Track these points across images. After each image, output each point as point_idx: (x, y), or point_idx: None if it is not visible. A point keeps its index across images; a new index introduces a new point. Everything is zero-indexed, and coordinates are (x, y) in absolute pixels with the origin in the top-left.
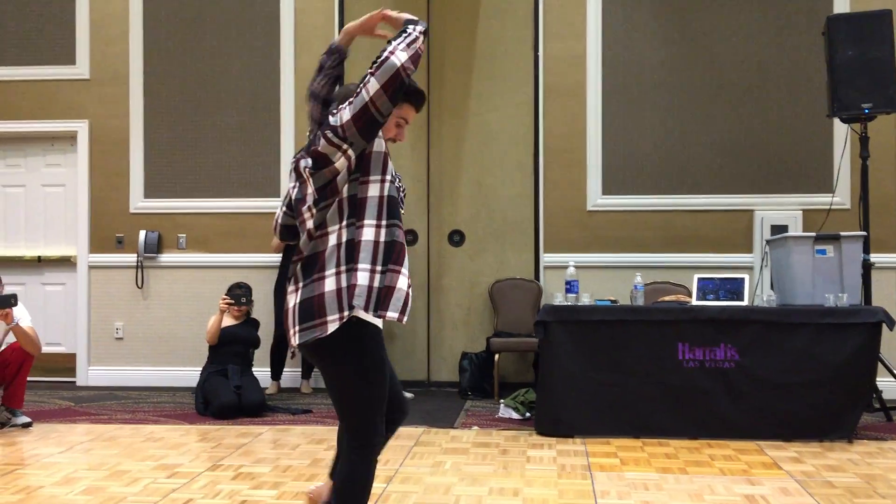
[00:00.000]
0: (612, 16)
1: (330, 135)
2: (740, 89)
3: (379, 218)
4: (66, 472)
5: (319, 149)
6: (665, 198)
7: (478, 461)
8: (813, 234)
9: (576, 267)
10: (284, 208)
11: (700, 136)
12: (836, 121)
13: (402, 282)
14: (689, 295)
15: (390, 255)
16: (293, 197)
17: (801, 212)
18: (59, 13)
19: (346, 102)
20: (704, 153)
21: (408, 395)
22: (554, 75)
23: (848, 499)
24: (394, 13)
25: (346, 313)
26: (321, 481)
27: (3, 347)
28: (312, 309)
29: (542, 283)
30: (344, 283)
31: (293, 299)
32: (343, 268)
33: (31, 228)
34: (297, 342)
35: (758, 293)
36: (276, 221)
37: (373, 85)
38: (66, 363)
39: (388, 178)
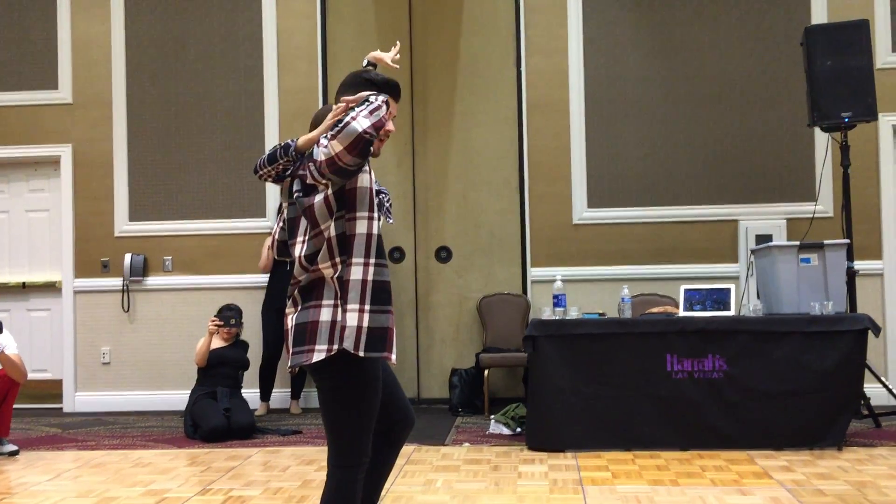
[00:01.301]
0: (594, 30)
1: (312, 168)
2: (722, 101)
3: (367, 256)
4: (55, 499)
5: (308, 181)
6: (650, 210)
7: (469, 478)
8: (797, 242)
9: (563, 280)
10: (281, 224)
11: (683, 147)
12: (817, 130)
13: (390, 321)
14: (676, 306)
15: (380, 295)
16: (286, 216)
17: (784, 221)
18: (41, 37)
19: (325, 137)
20: (688, 165)
21: None
22: (537, 90)
23: None
24: (351, 98)
25: (335, 347)
26: None
27: None
28: (305, 334)
29: (529, 298)
30: (338, 318)
31: (290, 321)
32: (337, 302)
33: (15, 254)
34: (289, 364)
35: (744, 303)
36: (273, 238)
37: (335, 146)
38: (52, 389)
39: (376, 215)
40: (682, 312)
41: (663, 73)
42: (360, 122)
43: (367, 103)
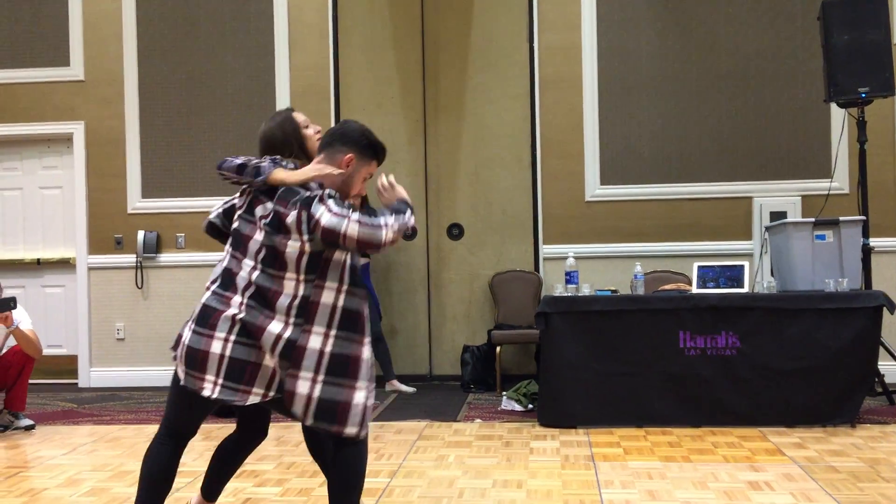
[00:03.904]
0: (607, 6)
1: (303, 217)
2: (737, 77)
3: (329, 327)
4: (70, 473)
5: (287, 221)
6: (663, 187)
7: (481, 454)
8: (812, 219)
9: (575, 258)
10: (221, 213)
11: (697, 124)
12: (834, 106)
13: (360, 396)
14: (690, 283)
15: (344, 369)
16: (236, 226)
17: (799, 198)
18: (53, 15)
19: (326, 203)
20: (702, 141)
21: (410, 389)
22: (549, 67)
23: (852, 483)
24: (395, 185)
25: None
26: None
27: (3, 351)
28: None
29: (541, 275)
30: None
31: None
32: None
33: (29, 231)
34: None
35: (758, 280)
36: (207, 220)
37: (352, 229)
38: (67, 365)
39: (346, 287)
40: (695, 290)
41: (677, 48)
42: (388, 234)
43: (402, 214)
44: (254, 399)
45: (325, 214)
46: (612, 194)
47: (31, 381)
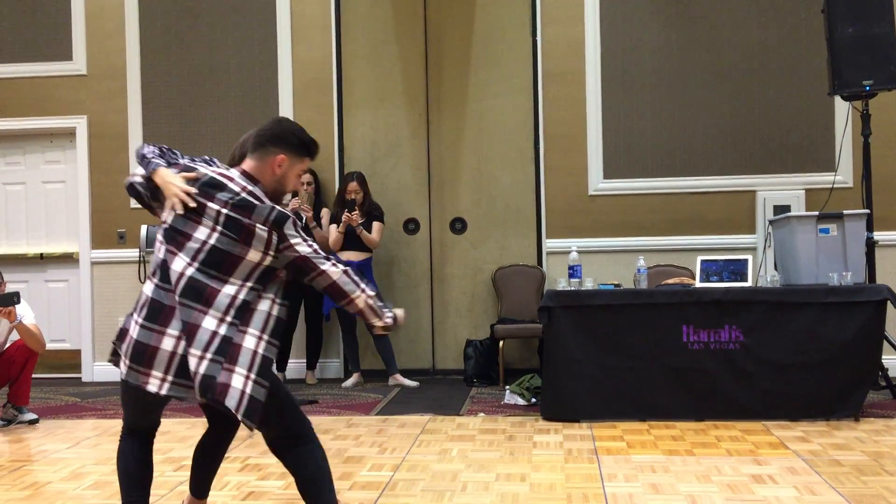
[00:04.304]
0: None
1: (274, 237)
2: (740, 70)
3: (262, 331)
4: (74, 467)
5: (255, 234)
6: (667, 180)
7: (484, 447)
8: (816, 213)
9: (578, 252)
10: (146, 184)
11: (701, 117)
12: (838, 99)
13: (263, 395)
14: (693, 277)
15: (263, 371)
16: (169, 221)
17: (803, 191)
18: (55, 9)
19: (304, 237)
20: (705, 135)
21: (413, 383)
22: (552, 60)
23: (856, 476)
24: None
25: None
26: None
27: (7, 345)
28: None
29: (544, 269)
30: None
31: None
32: (221, 358)
33: (32, 226)
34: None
35: (761, 274)
36: (130, 181)
37: (326, 279)
38: (70, 359)
39: (279, 299)
40: (698, 283)
41: (680, 41)
42: (358, 304)
43: (379, 311)
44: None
45: (303, 246)
46: (616, 188)
47: (34, 376)
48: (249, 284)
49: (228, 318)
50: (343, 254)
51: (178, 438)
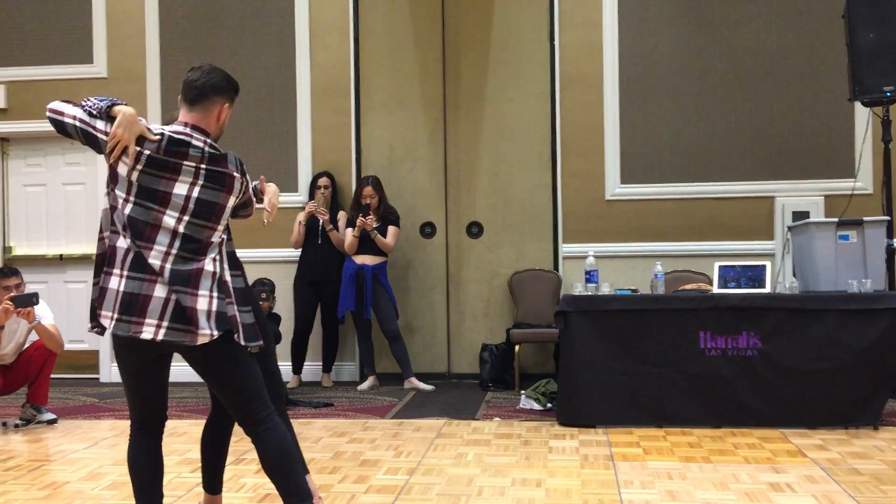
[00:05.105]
0: (629, 3)
1: (246, 180)
2: (759, 75)
3: (235, 268)
4: (92, 467)
5: (234, 182)
6: (684, 186)
7: (500, 452)
8: (835, 219)
9: (595, 257)
10: (80, 124)
11: (719, 123)
12: (858, 105)
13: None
14: (710, 283)
15: (247, 297)
16: (134, 179)
17: (822, 198)
18: (76, 12)
19: (250, 197)
20: (724, 140)
21: (428, 387)
22: (570, 65)
23: (874, 485)
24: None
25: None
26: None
27: (26, 346)
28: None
29: (561, 274)
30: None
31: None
32: (212, 294)
33: (52, 227)
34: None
35: (780, 280)
36: (60, 119)
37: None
38: (89, 360)
39: (229, 237)
40: (716, 289)
41: (699, 46)
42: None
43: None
44: (202, 339)
45: (248, 186)
46: (633, 193)
47: (52, 376)
48: (222, 227)
49: (218, 259)
50: (358, 257)
51: (194, 440)
